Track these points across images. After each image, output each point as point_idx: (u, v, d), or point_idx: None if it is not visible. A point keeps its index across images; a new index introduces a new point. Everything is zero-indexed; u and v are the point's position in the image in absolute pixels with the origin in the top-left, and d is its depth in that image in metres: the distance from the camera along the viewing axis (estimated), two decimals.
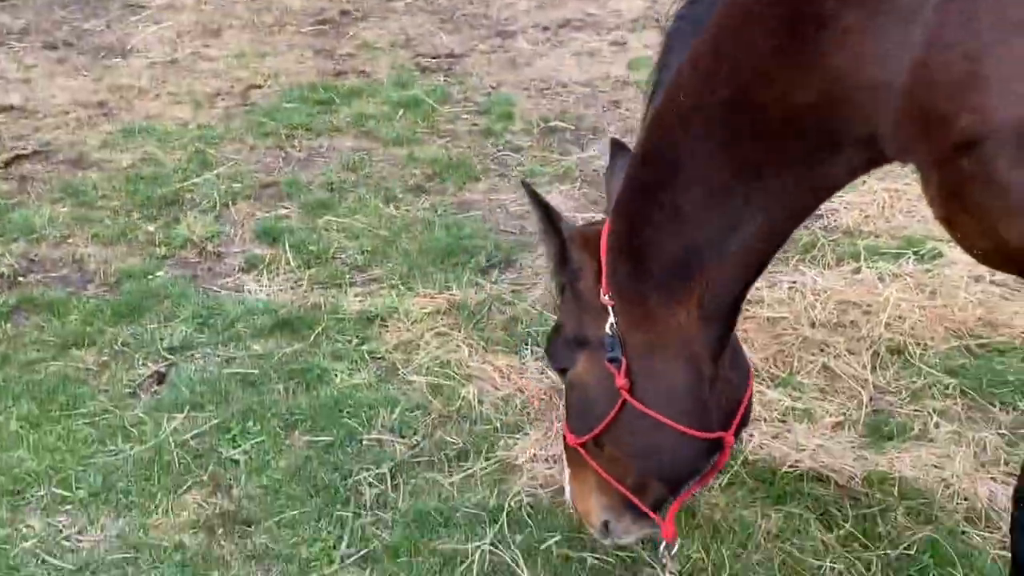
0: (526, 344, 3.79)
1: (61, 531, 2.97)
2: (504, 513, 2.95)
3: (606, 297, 2.17)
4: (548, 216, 2.23)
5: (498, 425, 3.36)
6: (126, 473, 3.18)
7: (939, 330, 3.76)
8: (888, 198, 4.75)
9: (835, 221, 4.58)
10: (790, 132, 1.85)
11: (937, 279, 4.06)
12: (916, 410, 3.37)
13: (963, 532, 2.85)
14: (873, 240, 4.43)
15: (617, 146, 2.51)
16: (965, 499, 2.96)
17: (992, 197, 1.66)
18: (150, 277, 4.35)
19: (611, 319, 2.15)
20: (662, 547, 2.46)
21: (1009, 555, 2.12)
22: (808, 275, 4.15)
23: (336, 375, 3.63)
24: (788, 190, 1.94)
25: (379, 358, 3.76)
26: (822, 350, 3.68)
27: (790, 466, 3.08)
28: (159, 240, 4.66)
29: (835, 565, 2.75)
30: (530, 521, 2.94)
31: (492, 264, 4.37)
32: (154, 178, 5.21)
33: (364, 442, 3.31)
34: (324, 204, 4.93)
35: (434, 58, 6.94)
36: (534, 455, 3.22)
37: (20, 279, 4.37)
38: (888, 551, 2.78)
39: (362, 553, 2.84)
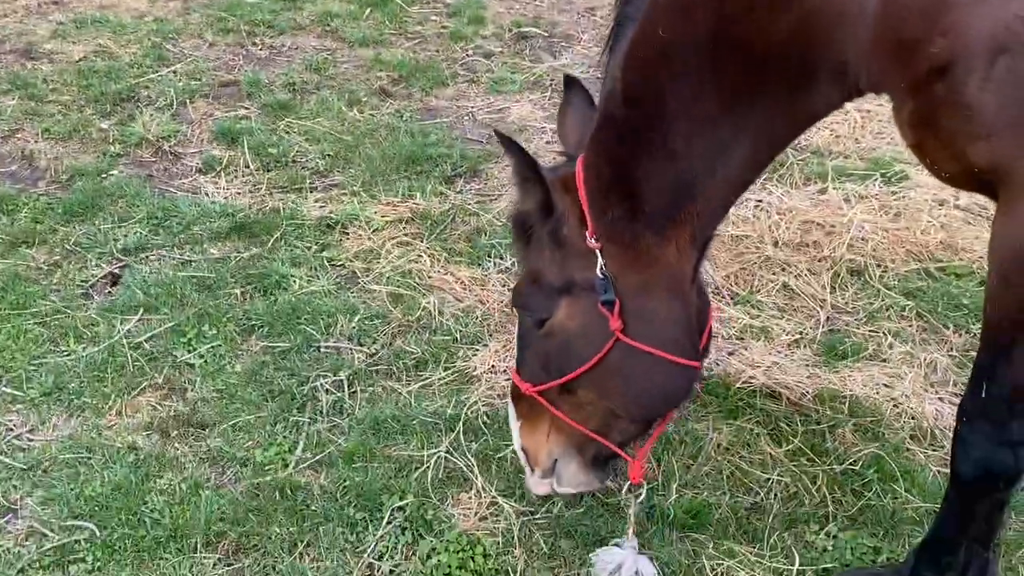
0: (489, 256, 3.75)
1: (12, 430, 2.94)
2: (461, 422, 2.97)
3: (592, 241, 2.12)
4: (529, 165, 2.11)
5: (458, 336, 3.35)
6: (78, 374, 3.14)
7: (900, 252, 3.79)
8: (860, 119, 4.71)
9: (805, 140, 4.53)
10: (771, 63, 1.85)
11: (902, 202, 4.07)
12: (872, 331, 3.41)
13: (908, 449, 2.92)
14: (842, 161, 4.41)
15: (570, 81, 2.39)
16: (912, 417, 3.03)
17: (962, 121, 1.68)
18: (103, 176, 4.22)
19: (600, 262, 2.11)
20: (625, 488, 2.49)
21: (949, 471, 2.18)
22: (775, 194, 4.13)
23: (294, 281, 3.58)
24: (771, 120, 1.96)
25: (339, 265, 3.71)
26: (783, 269, 3.69)
27: (744, 382, 3.12)
28: (113, 137, 4.50)
29: (782, 478, 2.81)
30: (486, 430, 2.96)
31: (457, 173, 4.29)
32: (108, 72, 5.00)
33: (322, 349, 3.28)
34: (285, 106, 4.78)
35: None
36: (493, 366, 3.22)
37: None
38: (834, 466, 2.85)
39: (317, 458, 2.85)
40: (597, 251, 2.12)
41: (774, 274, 3.67)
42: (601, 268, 2.11)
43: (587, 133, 2.21)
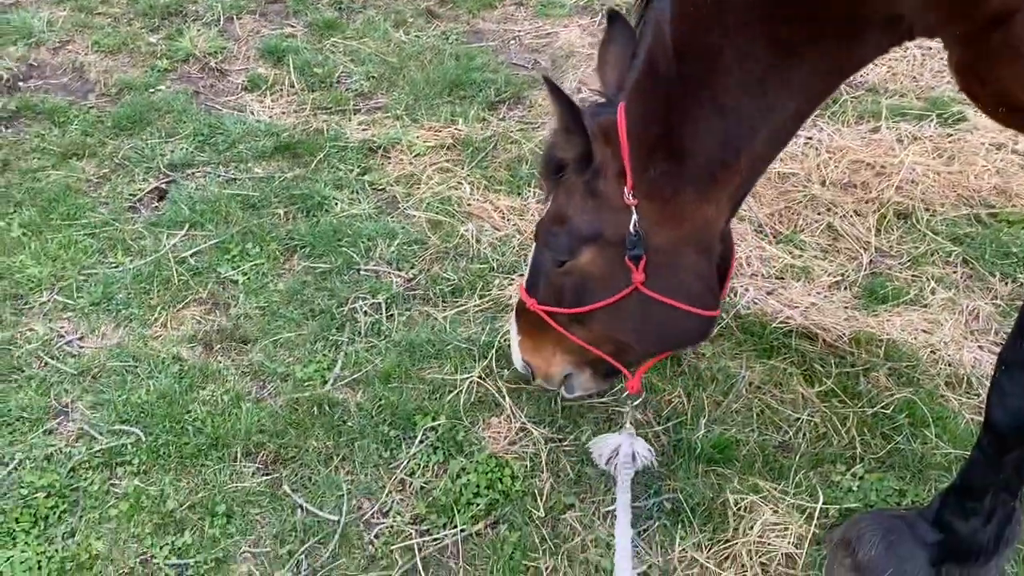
0: (529, 185, 3.74)
1: (63, 336, 3.05)
2: (494, 349, 3.01)
3: (630, 197, 2.08)
4: (574, 117, 2.06)
5: (494, 264, 3.37)
6: (126, 285, 3.23)
7: (950, 196, 3.69)
8: (920, 56, 4.54)
9: (861, 77, 4.39)
10: (825, 17, 1.82)
11: (957, 144, 3.94)
12: (914, 275, 3.36)
13: (942, 395, 2.90)
14: (897, 100, 4.27)
15: (615, 16, 2.28)
16: (949, 364, 3.00)
17: (1019, 69, 1.66)
18: (151, 90, 4.26)
19: (635, 218, 2.09)
20: (625, 395, 2.56)
21: (983, 418, 2.17)
22: (825, 131, 4.03)
23: (336, 203, 3.61)
24: (821, 70, 1.93)
25: (380, 190, 3.73)
26: (829, 209, 3.63)
27: (781, 322, 3.10)
28: (161, 52, 4.53)
29: (812, 418, 2.82)
30: None
31: (500, 99, 4.24)
32: None
33: (361, 271, 3.33)
34: (331, 25, 4.74)
35: None
36: None
37: (20, 83, 4.29)
38: (866, 409, 2.85)
39: (355, 376, 2.93)
40: (633, 207, 2.09)
41: (819, 214, 3.61)
42: (635, 224, 2.10)
43: (628, 75, 2.15)
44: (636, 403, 2.61)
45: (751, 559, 2.44)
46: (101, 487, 2.58)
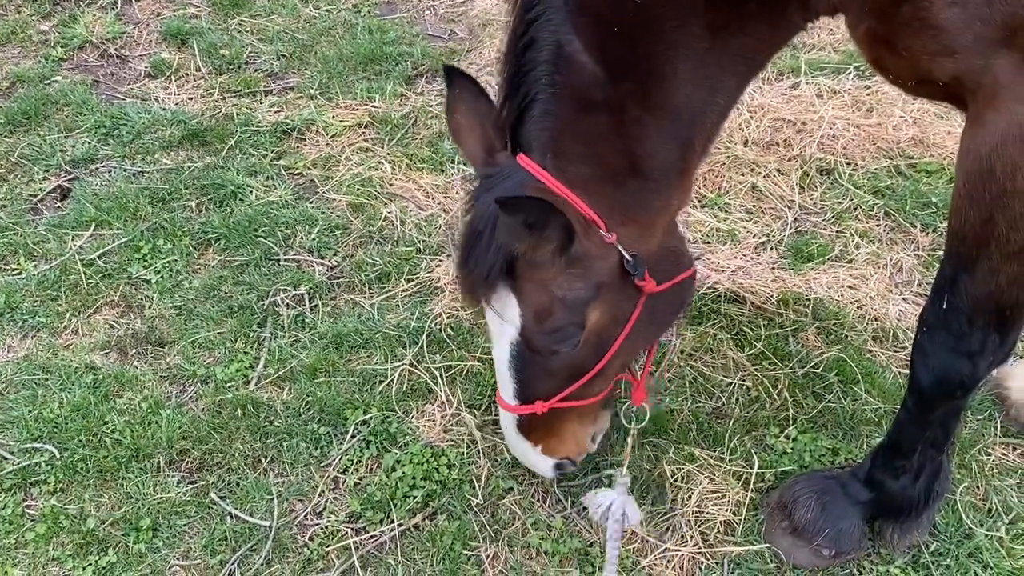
0: (452, 161, 3.65)
1: None
2: (424, 334, 2.94)
3: (608, 236, 2.00)
4: (555, 210, 1.84)
5: (420, 246, 3.28)
6: (30, 293, 3.06)
7: (870, 149, 3.72)
8: None
9: None
10: (749, 2, 1.86)
11: (875, 96, 3.97)
12: (839, 231, 3.38)
13: (869, 351, 2.93)
14: (816, 54, 4.28)
15: (454, 74, 2.09)
16: (876, 319, 3.03)
17: (927, 40, 1.67)
18: (47, 82, 4.02)
19: (620, 248, 2.02)
20: (624, 409, 2.45)
21: (908, 379, 2.19)
22: (746, 91, 4.00)
23: (251, 191, 3.47)
24: (751, 53, 1.98)
25: (296, 174, 3.60)
26: (752, 170, 3.62)
27: (709, 288, 3.09)
28: (54, 40, 4.28)
29: (744, 382, 2.83)
30: (450, 342, 2.93)
31: (418, 73, 4.12)
32: None
33: (281, 262, 3.21)
34: (237, 2, 4.54)
35: None
36: (456, 276, 3.17)
37: None
38: (796, 369, 2.86)
39: (279, 374, 2.83)
40: (615, 241, 2.02)
41: (743, 175, 3.60)
42: (627, 253, 2.04)
43: (490, 130, 2.04)
44: (642, 425, 2.44)
45: (691, 529, 2.44)
46: (15, 510, 2.45)
